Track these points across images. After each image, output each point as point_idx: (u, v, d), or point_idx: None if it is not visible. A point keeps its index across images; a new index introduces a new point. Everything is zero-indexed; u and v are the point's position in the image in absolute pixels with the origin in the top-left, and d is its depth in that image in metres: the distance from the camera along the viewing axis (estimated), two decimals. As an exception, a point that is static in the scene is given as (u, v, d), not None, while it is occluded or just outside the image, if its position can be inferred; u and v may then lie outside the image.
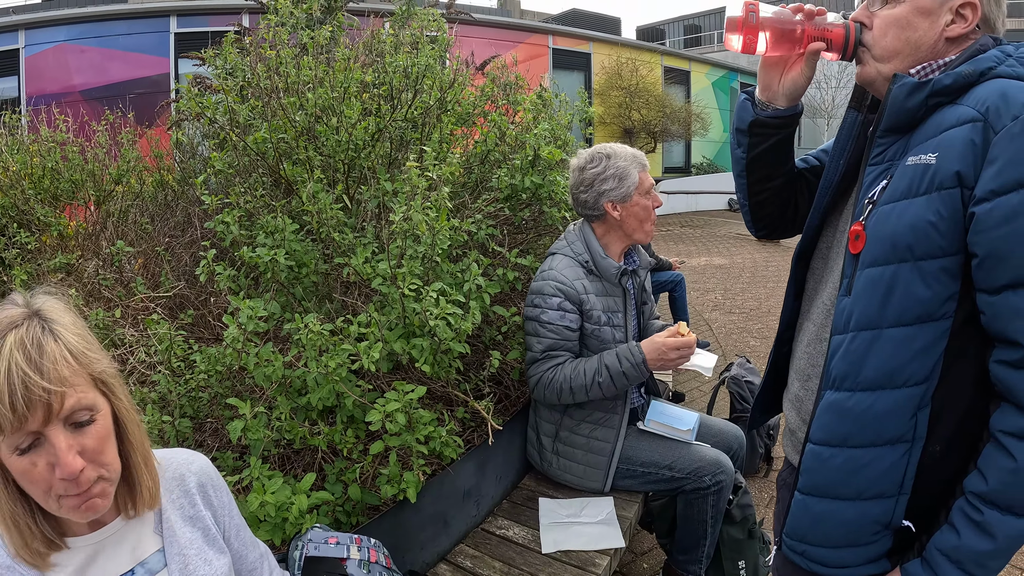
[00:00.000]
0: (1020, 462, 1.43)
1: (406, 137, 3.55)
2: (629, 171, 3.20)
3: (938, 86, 1.57)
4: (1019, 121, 1.42)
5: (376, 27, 4.85)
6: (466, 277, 2.97)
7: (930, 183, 1.52)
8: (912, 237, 1.52)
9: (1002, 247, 1.43)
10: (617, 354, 3.09)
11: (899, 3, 1.70)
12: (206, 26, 16.32)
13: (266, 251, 2.83)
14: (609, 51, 25.36)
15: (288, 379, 2.58)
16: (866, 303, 1.60)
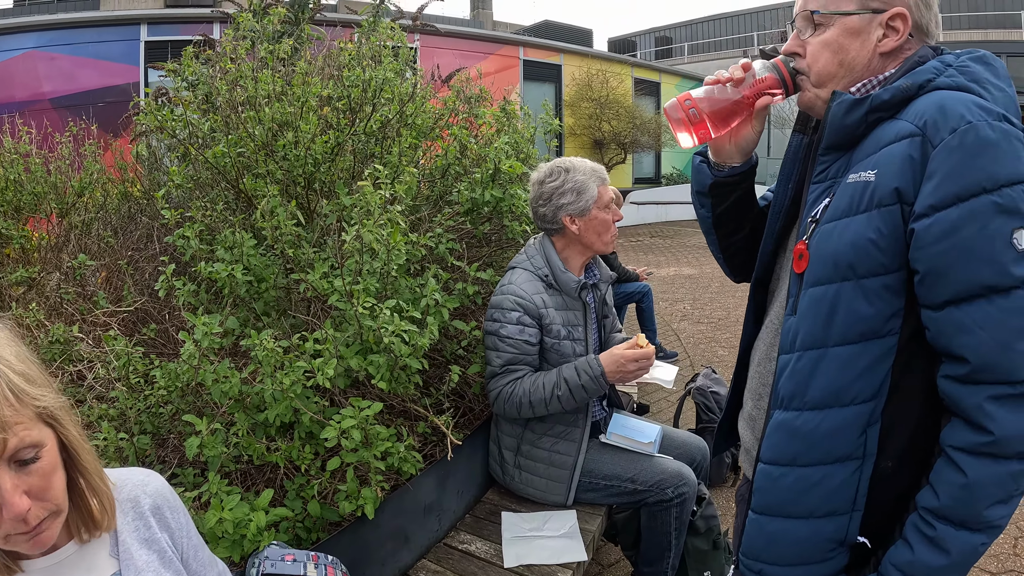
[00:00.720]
0: (971, 477, 1.42)
1: (369, 150, 3.55)
2: (587, 185, 3.22)
3: (876, 101, 1.57)
4: (957, 134, 1.42)
5: (342, 39, 4.84)
6: (424, 292, 2.97)
7: (870, 200, 1.51)
8: (853, 255, 1.52)
9: (942, 263, 1.43)
10: (576, 367, 3.10)
11: (828, 27, 1.70)
12: (177, 35, 16.29)
13: (224, 266, 2.82)
14: (580, 63, 25.49)
15: (246, 395, 2.57)
16: (811, 322, 1.60)
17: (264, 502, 2.45)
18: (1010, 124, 1.44)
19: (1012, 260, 1.39)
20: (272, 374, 2.46)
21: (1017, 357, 1.40)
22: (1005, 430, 1.40)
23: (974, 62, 1.61)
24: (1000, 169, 1.40)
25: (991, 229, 1.39)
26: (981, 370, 1.42)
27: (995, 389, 1.41)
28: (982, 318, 1.41)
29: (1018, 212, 1.39)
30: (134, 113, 3.75)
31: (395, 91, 3.48)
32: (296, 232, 2.98)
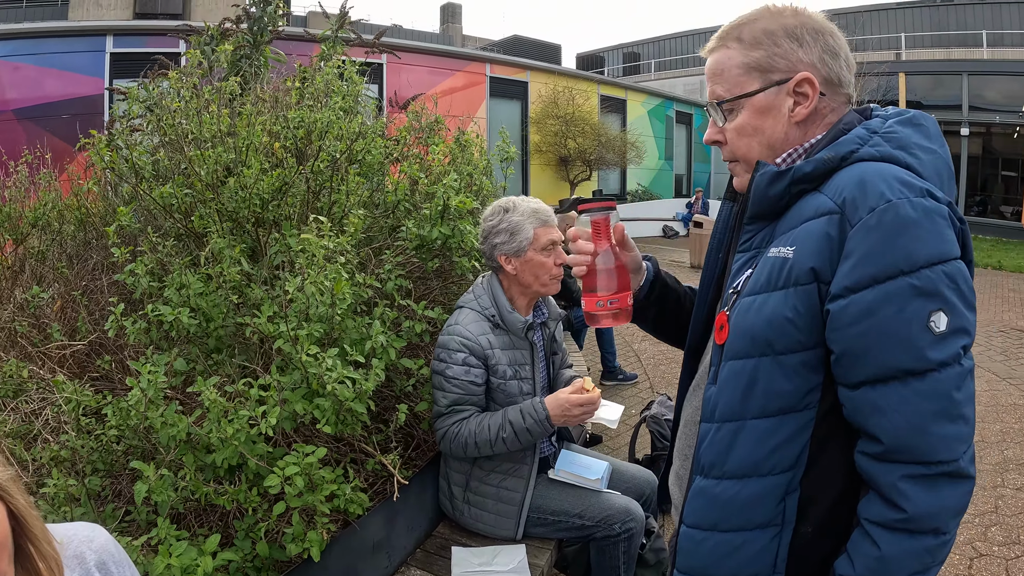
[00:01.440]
0: (884, 551, 1.42)
1: (321, 183, 3.56)
2: (523, 226, 3.25)
3: (798, 174, 1.55)
4: (875, 213, 1.40)
5: (301, 63, 4.85)
6: (371, 332, 3.00)
7: (787, 278, 1.50)
8: (771, 332, 1.51)
9: (858, 345, 1.43)
10: (521, 410, 3.12)
11: (738, 112, 1.70)
12: (143, 47, 16.10)
13: (170, 310, 2.84)
14: (546, 80, 25.53)
15: (195, 436, 2.58)
16: (729, 395, 1.59)
17: (211, 546, 2.46)
18: (933, 200, 1.43)
19: (928, 344, 1.39)
20: (217, 421, 2.48)
21: (932, 439, 1.40)
22: (918, 508, 1.40)
23: (902, 125, 1.60)
24: (919, 250, 1.39)
25: (907, 313, 1.39)
26: (895, 451, 1.42)
27: (909, 468, 1.42)
28: (897, 400, 1.41)
29: (936, 294, 1.39)
30: (86, 143, 3.75)
31: (343, 129, 3.49)
32: (240, 278, 3.00)
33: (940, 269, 1.40)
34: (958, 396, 1.41)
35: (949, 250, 1.42)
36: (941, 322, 1.39)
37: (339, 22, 5.66)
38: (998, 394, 8.30)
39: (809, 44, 1.65)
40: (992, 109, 31.01)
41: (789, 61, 1.65)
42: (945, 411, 1.40)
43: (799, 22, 1.66)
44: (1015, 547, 4.79)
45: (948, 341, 1.40)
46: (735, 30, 1.71)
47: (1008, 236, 29.23)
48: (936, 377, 1.39)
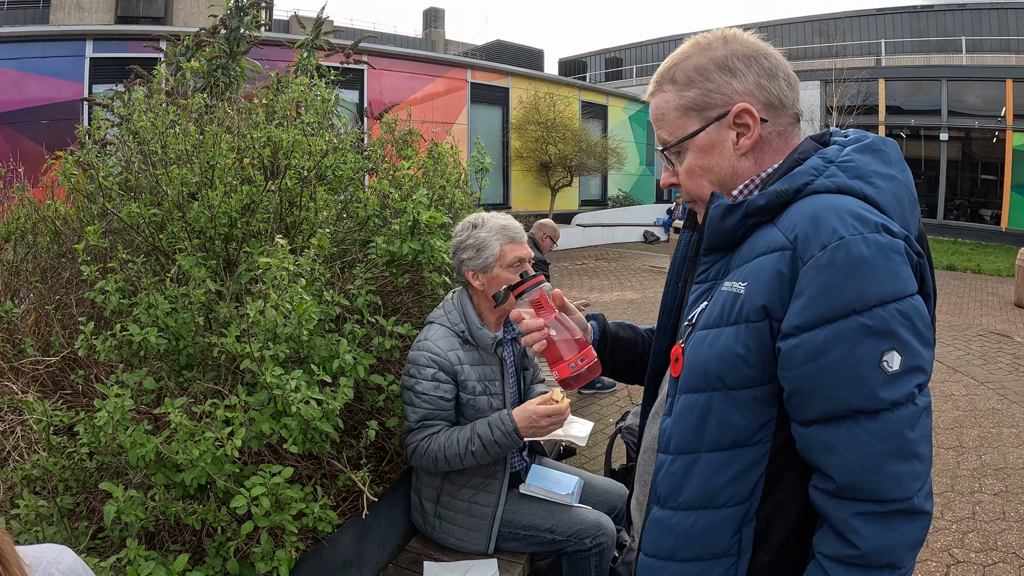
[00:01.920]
0: None
1: (292, 198, 3.56)
2: (489, 243, 3.24)
3: (752, 207, 1.53)
4: (827, 251, 1.38)
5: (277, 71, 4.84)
6: (339, 351, 3.00)
7: (739, 314, 1.49)
8: (723, 368, 1.50)
9: (809, 384, 1.41)
10: (489, 423, 3.12)
11: (685, 154, 1.69)
12: (123, 51, 16.05)
13: (137, 329, 2.84)
14: (527, 85, 25.60)
15: (165, 455, 2.58)
16: (683, 428, 1.58)
17: (180, 565, 2.47)
18: (888, 234, 1.40)
19: (880, 383, 1.36)
20: (184, 442, 2.48)
21: (884, 478, 1.38)
22: (871, 545, 1.39)
23: (860, 153, 1.57)
24: (871, 289, 1.36)
25: (859, 352, 1.36)
26: (847, 489, 1.40)
27: (862, 506, 1.40)
28: (849, 440, 1.39)
29: (889, 333, 1.36)
30: (53, 158, 3.74)
31: (311, 147, 3.49)
32: (206, 298, 3.00)
33: (894, 308, 1.37)
34: (911, 435, 1.38)
35: (903, 287, 1.39)
36: (894, 361, 1.37)
37: (315, 30, 5.66)
38: (976, 399, 8.32)
39: (743, 72, 1.64)
40: (971, 114, 31.32)
41: (724, 95, 1.63)
42: (898, 450, 1.38)
43: (729, 52, 1.65)
44: (992, 553, 4.80)
45: (901, 380, 1.37)
46: (668, 72, 1.70)
47: (987, 240, 29.52)
48: (889, 417, 1.37)
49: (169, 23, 24.15)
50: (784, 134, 1.67)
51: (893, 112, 33.09)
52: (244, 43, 5.49)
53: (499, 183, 24.54)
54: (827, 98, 33.00)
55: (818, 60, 38.93)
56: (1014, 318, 13.88)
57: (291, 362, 2.92)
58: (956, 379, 9.16)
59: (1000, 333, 12.09)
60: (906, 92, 33.23)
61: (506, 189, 24.83)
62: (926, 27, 40.20)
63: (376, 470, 3.63)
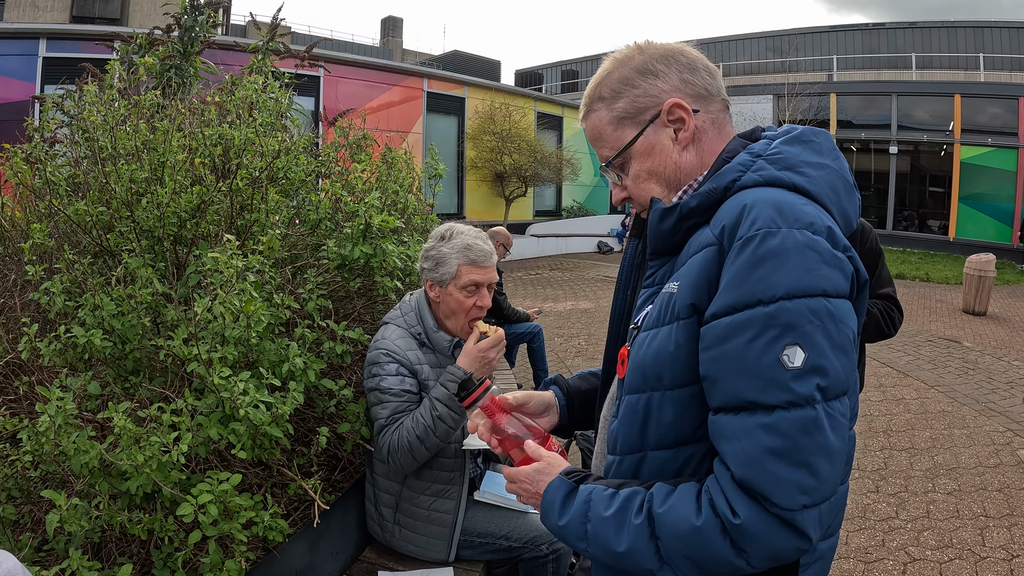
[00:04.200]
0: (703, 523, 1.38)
1: (243, 201, 3.50)
2: (448, 260, 3.19)
3: (685, 209, 1.57)
4: (742, 241, 1.40)
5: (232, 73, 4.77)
6: (289, 355, 2.94)
7: (672, 313, 1.51)
8: (659, 366, 1.51)
9: (712, 370, 1.41)
10: (440, 383, 3.09)
11: (628, 164, 1.72)
12: (77, 52, 15.75)
13: (82, 332, 2.76)
14: (484, 95, 25.65)
15: (109, 462, 2.51)
16: (627, 428, 1.59)
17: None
18: (810, 233, 1.39)
19: (777, 378, 1.34)
20: (129, 448, 2.41)
21: (767, 477, 1.34)
22: (751, 525, 1.35)
23: (789, 144, 1.59)
24: (780, 280, 1.35)
25: (759, 343, 1.36)
26: (742, 482, 1.36)
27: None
28: (740, 430, 1.37)
29: (793, 327, 1.34)
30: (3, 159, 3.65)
31: (264, 147, 3.43)
32: (153, 299, 2.93)
33: (803, 303, 1.35)
34: (804, 442, 1.33)
35: (816, 284, 1.37)
36: (796, 357, 1.34)
37: (270, 33, 5.60)
38: (927, 401, 8.58)
39: (664, 72, 1.67)
40: (920, 128, 32.02)
41: (652, 96, 1.67)
42: (784, 452, 1.33)
43: (645, 57, 1.69)
44: (948, 551, 4.92)
45: (803, 380, 1.34)
46: (595, 91, 1.74)
47: (935, 249, 30.28)
48: (782, 415, 1.34)
49: (125, 24, 23.80)
50: (717, 122, 1.71)
51: (844, 126, 33.62)
52: (198, 44, 5.41)
53: (454, 193, 24.54)
54: (779, 112, 33.44)
55: (771, 75, 39.61)
56: (962, 324, 14.38)
57: (240, 366, 2.85)
58: (907, 383, 9.45)
59: (949, 339, 12.50)
60: (857, 107, 33.82)
61: (460, 199, 24.82)
62: (877, 44, 41.11)
63: (328, 478, 3.56)
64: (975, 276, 15.56)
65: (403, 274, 3.81)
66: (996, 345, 12.38)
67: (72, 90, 4.79)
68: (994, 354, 11.54)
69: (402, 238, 4.07)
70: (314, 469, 3.23)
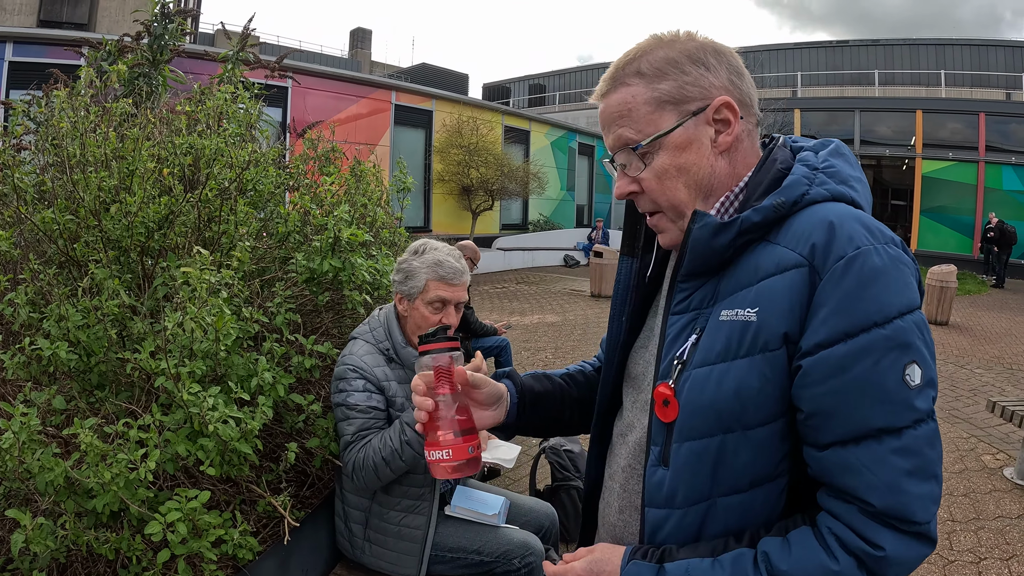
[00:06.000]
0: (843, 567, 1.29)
1: (211, 213, 3.46)
2: (417, 274, 3.17)
3: (747, 224, 1.40)
4: (844, 262, 1.29)
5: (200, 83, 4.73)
6: (257, 369, 2.91)
7: (752, 344, 1.36)
8: (738, 405, 1.36)
9: (829, 404, 1.29)
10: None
11: (655, 154, 1.51)
12: (43, 56, 15.56)
13: (47, 344, 2.71)
14: (451, 109, 25.65)
15: (75, 481, 2.46)
16: (692, 478, 1.42)
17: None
18: (895, 246, 1.33)
19: (904, 399, 1.27)
20: (95, 465, 2.37)
21: (907, 499, 1.27)
22: (896, 553, 1.28)
23: (834, 157, 1.51)
24: (890, 300, 1.28)
25: (883, 367, 1.27)
26: (884, 513, 1.28)
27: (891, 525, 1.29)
28: (872, 460, 1.28)
29: (909, 346, 1.28)
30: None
31: (233, 158, 3.39)
32: (120, 311, 2.89)
33: (910, 319, 1.29)
34: (931, 454, 1.29)
35: (914, 298, 1.32)
36: (916, 375, 1.28)
37: (240, 43, 5.56)
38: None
39: (715, 67, 1.51)
40: (883, 143, 32.56)
41: (702, 88, 1.50)
42: (920, 469, 1.28)
43: (698, 45, 1.53)
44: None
45: (923, 395, 1.29)
46: (631, 64, 1.53)
47: (897, 262, 30.93)
48: (911, 434, 1.28)
49: (93, 29, 23.54)
50: (752, 135, 1.58)
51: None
52: (168, 52, 5.37)
53: (420, 206, 24.49)
54: (744, 127, 33.83)
55: (735, 90, 40.08)
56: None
57: (208, 380, 2.82)
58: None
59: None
60: (820, 122, 34.22)
61: (427, 212, 24.77)
62: (841, 61, 41.71)
63: (297, 495, 3.53)
64: (937, 287, 15.79)
65: (372, 288, 3.79)
66: (959, 354, 12.58)
67: (40, 96, 4.74)
68: (957, 363, 11.74)
69: (371, 252, 4.04)
70: (283, 485, 3.20)
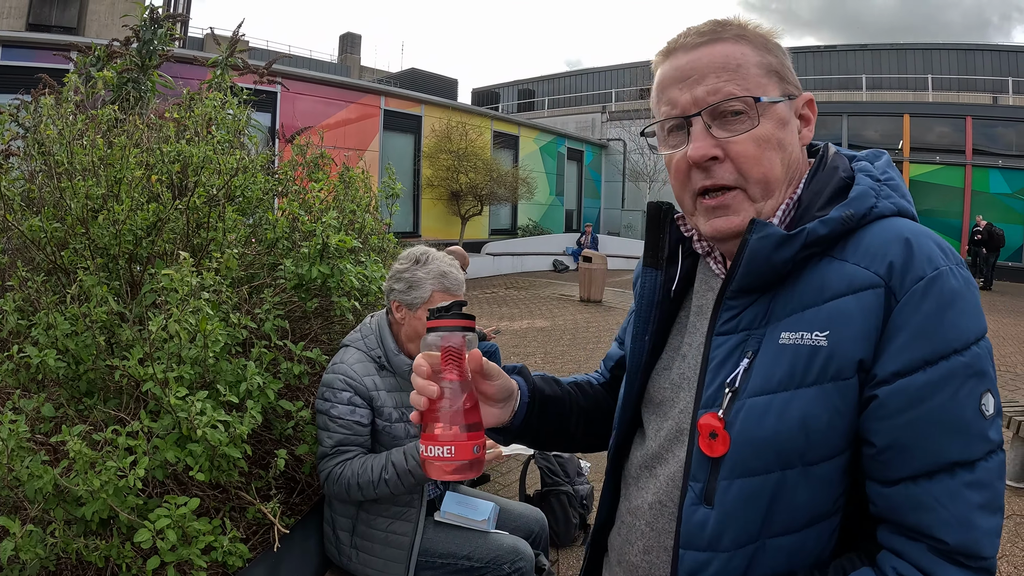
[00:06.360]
0: None
1: (199, 220, 3.46)
2: (423, 284, 3.16)
3: (813, 237, 1.28)
4: (923, 283, 1.19)
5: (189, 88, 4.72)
6: (246, 374, 2.91)
7: (822, 371, 1.23)
8: (802, 439, 1.24)
9: (905, 436, 1.19)
10: (405, 452, 3.05)
11: (758, 119, 1.35)
12: (32, 60, 15.48)
13: (35, 351, 2.71)
14: (441, 114, 25.69)
15: (64, 488, 2.46)
16: (743, 518, 1.28)
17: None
18: (965, 268, 1.25)
19: (981, 430, 1.18)
20: (84, 472, 2.37)
21: (978, 534, 1.17)
22: None
23: (891, 170, 1.41)
24: (968, 324, 1.20)
25: (961, 396, 1.18)
26: (957, 551, 1.17)
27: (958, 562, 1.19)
28: (946, 495, 1.18)
29: (984, 374, 1.19)
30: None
31: (221, 165, 3.39)
32: (108, 318, 2.88)
33: (984, 345, 1.21)
34: (1000, 486, 1.20)
35: (984, 323, 1.24)
36: (990, 404, 1.20)
37: (229, 48, 5.56)
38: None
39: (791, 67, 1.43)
40: (870, 147, 32.65)
41: (794, 75, 1.42)
42: (990, 502, 1.19)
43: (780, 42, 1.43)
44: None
45: (995, 425, 1.21)
46: (731, 27, 1.40)
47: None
48: (984, 467, 1.18)
49: (82, 32, 23.53)
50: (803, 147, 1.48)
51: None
52: (157, 57, 5.37)
53: (410, 211, 24.48)
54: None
55: (724, 95, 40.29)
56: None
57: (197, 386, 2.82)
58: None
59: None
60: (808, 126, 34.42)
61: (416, 217, 24.77)
62: (828, 66, 41.85)
63: (287, 502, 3.52)
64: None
65: (360, 294, 3.79)
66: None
67: (28, 101, 4.73)
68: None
69: (359, 258, 4.04)
70: (273, 492, 3.19)
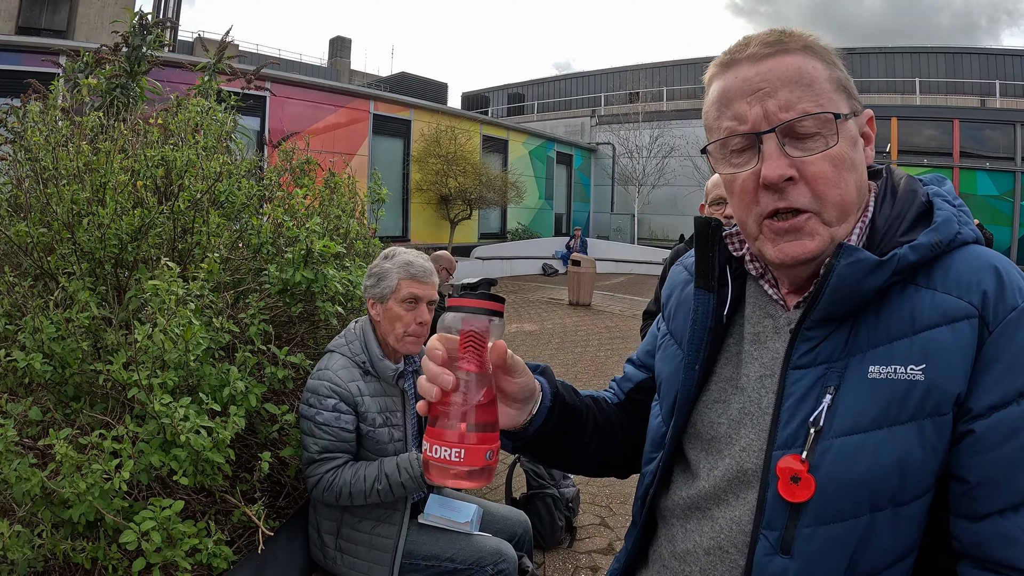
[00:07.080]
0: None
1: (184, 224, 3.48)
2: (389, 274, 3.24)
3: (903, 264, 1.21)
4: (1017, 312, 1.15)
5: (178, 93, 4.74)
6: (229, 379, 2.94)
7: (919, 407, 1.16)
8: (897, 479, 1.16)
9: (999, 469, 1.13)
10: (398, 464, 3.10)
11: (831, 139, 1.26)
12: (20, 64, 15.43)
13: (22, 355, 2.73)
14: (430, 118, 25.67)
15: (51, 491, 2.48)
16: (826, 568, 1.20)
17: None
18: None
19: None
20: (71, 475, 2.39)
21: None
22: None
23: (957, 196, 1.35)
24: None
25: None
26: None
27: None
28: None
29: None
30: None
31: (205, 169, 3.42)
32: (91, 322, 2.91)
33: None
34: None
35: None
36: None
37: (218, 53, 5.58)
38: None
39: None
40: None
41: (857, 92, 1.33)
42: None
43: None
44: None
45: None
46: (798, 38, 1.31)
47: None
48: None
49: (71, 37, 23.43)
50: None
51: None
52: (145, 63, 5.38)
53: (399, 215, 24.45)
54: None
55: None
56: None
57: (180, 391, 2.84)
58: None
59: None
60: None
61: (406, 221, 24.75)
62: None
63: (272, 504, 3.54)
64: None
65: (345, 299, 3.82)
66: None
67: (16, 106, 4.75)
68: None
69: (344, 263, 4.07)
70: (257, 495, 3.21)
